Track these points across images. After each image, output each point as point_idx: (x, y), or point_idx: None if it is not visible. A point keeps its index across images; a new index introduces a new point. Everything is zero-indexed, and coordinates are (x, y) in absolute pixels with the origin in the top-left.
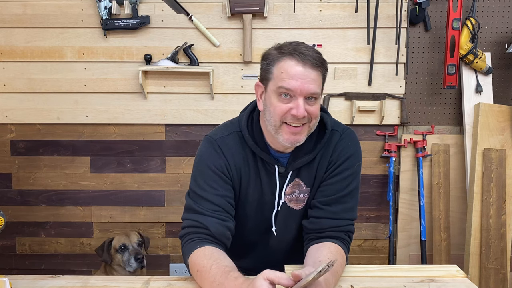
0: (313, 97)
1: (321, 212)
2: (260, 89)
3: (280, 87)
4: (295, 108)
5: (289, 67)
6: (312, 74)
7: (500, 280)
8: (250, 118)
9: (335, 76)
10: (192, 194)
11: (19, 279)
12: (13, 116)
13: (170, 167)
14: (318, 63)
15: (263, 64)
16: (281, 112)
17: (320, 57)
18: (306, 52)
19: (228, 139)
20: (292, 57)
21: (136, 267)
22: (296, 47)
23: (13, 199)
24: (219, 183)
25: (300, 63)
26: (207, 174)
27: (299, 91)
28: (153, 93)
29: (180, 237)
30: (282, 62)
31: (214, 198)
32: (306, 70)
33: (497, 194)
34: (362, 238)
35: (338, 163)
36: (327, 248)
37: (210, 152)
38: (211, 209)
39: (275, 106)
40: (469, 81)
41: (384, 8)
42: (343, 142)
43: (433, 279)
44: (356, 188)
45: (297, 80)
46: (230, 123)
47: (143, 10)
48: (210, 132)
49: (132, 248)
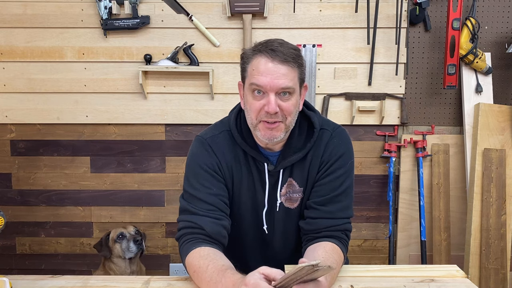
0: (287, 91)
1: (317, 212)
2: (241, 87)
3: (252, 83)
4: (267, 104)
5: (259, 64)
6: (282, 69)
7: (500, 280)
8: (239, 116)
9: (335, 76)
10: (185, 195)
11: (19, 279)
12: (13, 116)
13: (170, 167)
14: (288, 58)
15: (241, 64)
16: (256, 109)
17: (293, 52)
18: (277, 48)
19: (219, 138)
20: (262, 54)
21: (135, 251)
22: (268, 43)
23: (13, 199)
24: (211, 182)
25: (269, 59)
26: (199, 174)
27: (269, 86)
28: (153, 93)
29: (176, 239)
30: (254, 59)
31: (208, 197)
32: (275, 66)
33: (497, 194)
34: (362, 238)
35: (330, 162)
36: (323, 247)
37: (201, 152)
38: (205, 208)
39: (250, 103)
40: (469, 81)
41: (384, 8)
42: (334, 141)
43: (433, 279)
44: (350, 186)
45: (266, 76)
46: (220, 122)
47: (143, 10)
48: (200, 132)
49: (130, 235)
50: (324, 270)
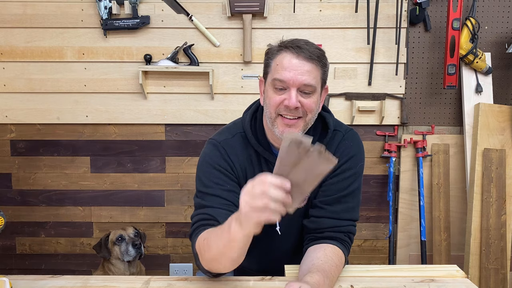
0: (308, 90)
1: (322, 211)
2: (262, 84)
3: (275, 79)
4: (288, 98)
5: (284, 59)
6: (306, 66)
7: (500, 280)
8: (254, 117)
9: (335, 76)
10: (199, 194)
11: (19, 279)
12: (13, 116)
13: (170, 167)
14: (313, 56)
15: (265, 59)
16: (275, 103)
17: (318, 52)
18: (303, 46)
19: (232, 141)
20: (288, 50)
21: (134, 255)
22: (295, 41)
23: (13, 199)
24: (225, 180)
25: (295, 55)
26: (212, 173)
27: (292, 81)
28: (153, 93)
29: (189, 236)
30: (279, 55)
31: (222, 193)
32: (300, 62)
33: (497, 194)
34: (362, 238)
35: (340, 163)
36: (323, 250)
37: (214, 154)
38: (220, 202)
39: (270, 97)
40: (469, 81)
41: (384, 8)
42: (346, 142)
43: (433, 279)
44: (358, 188)
45: (290, 71)
46: (233, 124)
47: (143, 10)
48: (213, 135)
49: (129, 238)
50: (320, 153)
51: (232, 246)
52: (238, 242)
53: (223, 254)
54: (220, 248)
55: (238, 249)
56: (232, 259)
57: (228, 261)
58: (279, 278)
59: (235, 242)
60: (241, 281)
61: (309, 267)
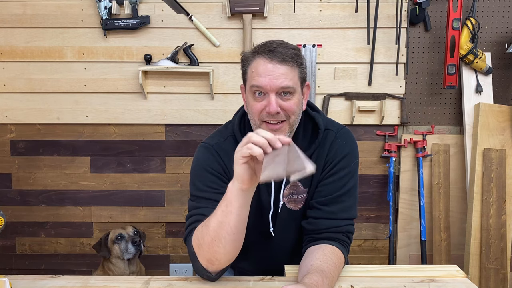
0: (287, 91)
1: (319, 212)
2: (243, 90)
3: (252, 85)
4: (268, 105)
5: (258, 65)
6: (281, 69)
7: (500, 280)
8: (243, 120)
9: (335, 76)
10: (193, 198)
11: (19, 279)
12: (13, 116)
13: (170, 167)
14: (286, 58)
15: (241, 67)
16: (257, 111)
17: (292, 51)
18: (275, 49)
19: (225, 145)
20: (261, 55)
21: (134, 252)
22: (267, 45)
23: (13, 199)
24: (219, 184)
25: (268, 59)
26: (206, 177)
27: (269, 86)
28: (153, 93)
29: (184, 240)
30: (254, 62)
31: (216, 197)
32: (273, 66)
33: (497, 194)
34: (362, 238)
35: (334, 162)
36: (322, 250)
37: (207, 157)
38: (214, 205)
39: (251, 105)
40: (469, 81)
41: (384, 8)
42: (339, 141)
43: (433, 279)
44: (354, 186)
45: (265, 76)
46: (224, 128)
47: (143, 10)
48: (205, 139)
49: (128, 236)
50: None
51: (229, 211)
52: (235, 201)
53: (221, 225)
54: (218, 219)
55: (236, 215)
56: (231, 231)
57: (228, 235)
58: (279, 278)
59: (232, 204)
60: (241, 281)
61: (308, 268)
